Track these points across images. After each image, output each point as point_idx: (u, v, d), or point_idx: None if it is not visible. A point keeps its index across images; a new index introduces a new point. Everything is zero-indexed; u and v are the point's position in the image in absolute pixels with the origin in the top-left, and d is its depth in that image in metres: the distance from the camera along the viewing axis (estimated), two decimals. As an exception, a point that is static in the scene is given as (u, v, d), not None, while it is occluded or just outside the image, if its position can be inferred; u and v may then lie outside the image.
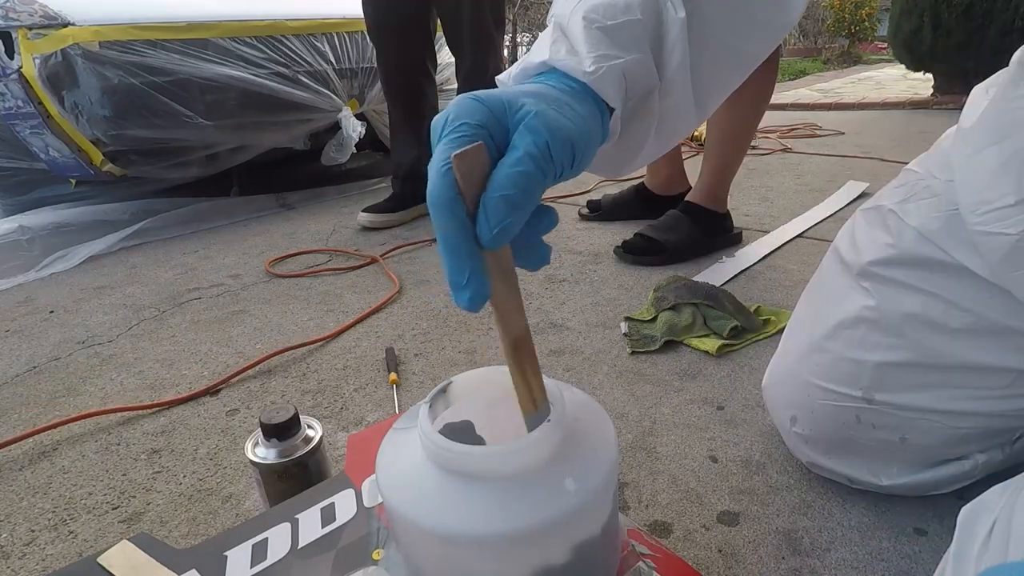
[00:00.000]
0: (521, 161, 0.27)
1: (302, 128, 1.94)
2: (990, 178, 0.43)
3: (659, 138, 0.41)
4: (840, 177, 1.84)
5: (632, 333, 0.92)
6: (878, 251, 0.52)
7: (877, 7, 8.67)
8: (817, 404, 0.56)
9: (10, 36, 1.52)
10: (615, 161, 0.41)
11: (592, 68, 0.32)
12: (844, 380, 0.54)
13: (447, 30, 1.61)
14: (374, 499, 0.44)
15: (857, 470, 0.56)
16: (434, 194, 0.27)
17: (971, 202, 0.44)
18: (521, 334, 0.32)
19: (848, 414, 0.54)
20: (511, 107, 0.29)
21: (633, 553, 0.40)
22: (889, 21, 3.84)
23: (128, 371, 0.93)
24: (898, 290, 0.51)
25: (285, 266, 1.39)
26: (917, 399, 0.50)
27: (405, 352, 0.93)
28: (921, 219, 0.49)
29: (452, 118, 0.29)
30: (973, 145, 0.45)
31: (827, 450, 0.57)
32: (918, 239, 0.49)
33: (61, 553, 0.58)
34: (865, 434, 0.53)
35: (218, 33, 1.69)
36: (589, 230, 1.50)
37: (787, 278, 1.12)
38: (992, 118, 0.44)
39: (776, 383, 0.63)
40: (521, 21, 14.20)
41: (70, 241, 1.61)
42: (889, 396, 0.51)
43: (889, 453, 0.53)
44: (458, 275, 0.28)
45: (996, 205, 0.42)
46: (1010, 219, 0.41)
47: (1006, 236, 0.41)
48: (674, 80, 0.37)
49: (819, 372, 0.56)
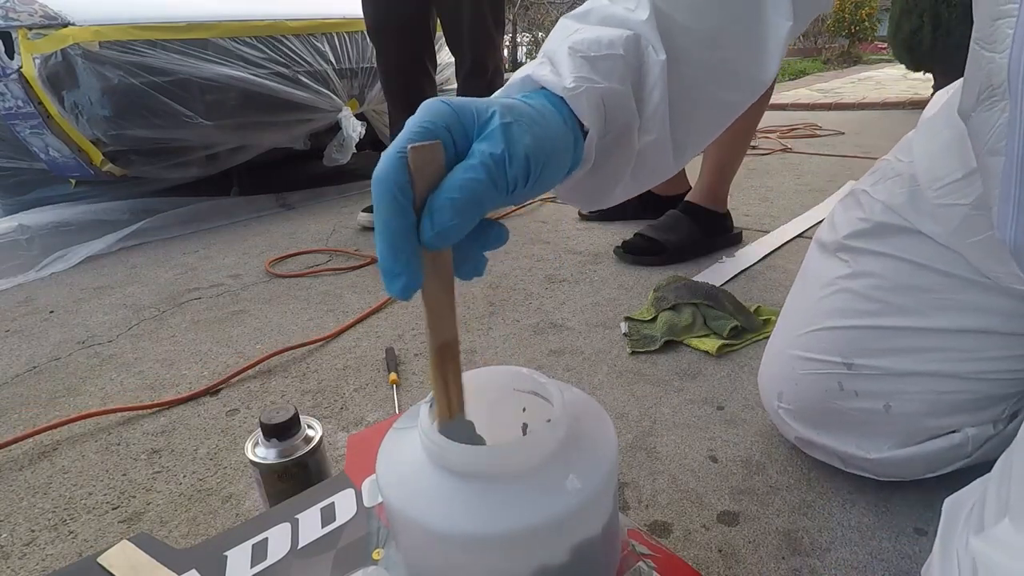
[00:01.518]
0: (473, 168, 0.28)
1: (302, 128, 1.94)
2: (940, 157, 0.50)
3: (636, 177, 0.41)
4: (840, 177, 1.84)
5: (632, 333, 0.92)
6: (852, 225, 0.57)
7: (877, 7, 8.67)
8: (800, 375, 0.58)
9: (10, 36, 1.52)
10: (590, 193, 0.42)
11: (572, 85, 0.33)
12: (825, 348, 0.56)
13: (447, 30, 1.61)
14: (374, 499, 0.44)
15: (845, 443, 0.56)
16: (382, 174, 0.27)
17: (927, 179, 0.51)
18: (449, 340, 0.31)
19: (830, 382, 0.55)
20: (479, 115, 0.29)
21: (633, 553, 0.40)
22: (889, 21, 3.84)
23: (128, 371, 0.93)
24: (870, 257, 0.55)
25: (285, 266, 1.39)
26: (897, 362, 0.52)
27: (405, 352, 0.93)
28: (887, 195, 0.55)
29: (418, 115, 0.29)
30: (929, 132, 0.53)
31: (813, 423, 0.58)
32: (884, 210, 0.54)
33: (61, 553, 0.58)
34: (849, 403, 0.55)
35: (218, 33, 1.69)
36: (589, 230, 1.50)
37: (787, 278, 1.12)
38: (946, 110, 0.51)
39: (765, 367, 0.65)
40: (521, 21, 14.20)
41: (70, 241, 1.61)
42: (869, 360, 0.53)
43: (875, 424, 0.54)
44: (392, 262, 0.27)
45: (947, 180, 0.49)
46: (961, 191, 0.48)
47: (960, 206, 0.48)
48: (652, 118, 0.38)
49: (801, 344, 0.58)
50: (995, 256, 0.47)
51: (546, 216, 1.66)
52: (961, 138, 0.47)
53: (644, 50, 0.37)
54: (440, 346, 0.31)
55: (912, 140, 0.55)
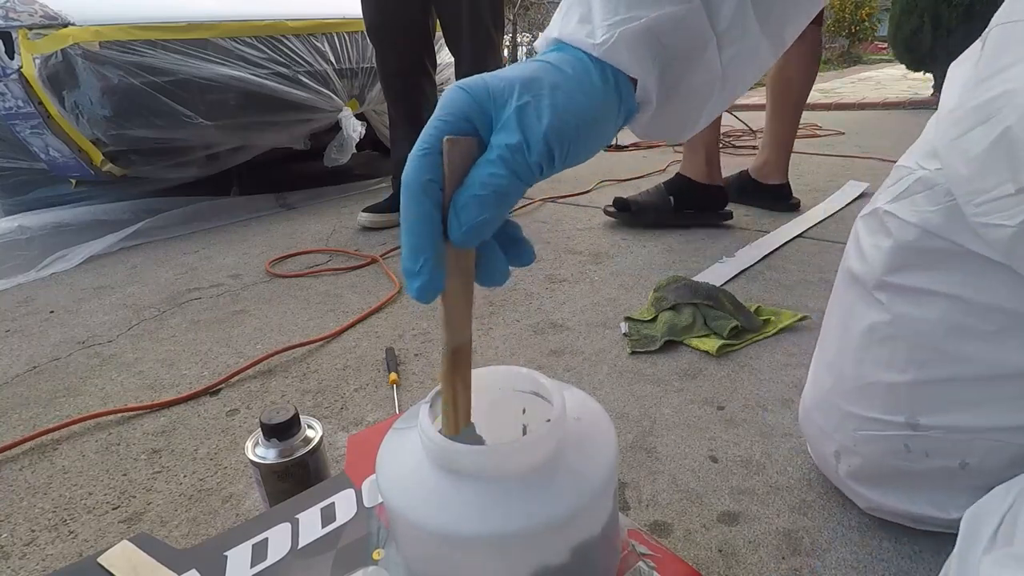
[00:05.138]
0: (493, 163, 0.27)
1: (302, 128, 1.94)
2: (980, 164, 0.39)
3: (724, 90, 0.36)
4: (840, 177, 1.84)
5: (632, 333, 0.92)
6: (885, 259, 0.47)
7: (877, 7, 8.67)
8: (859, 436, 0.50)
9: (10, 36, 1.52)
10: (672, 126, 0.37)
11: (602, 39, 0.30)
12: (883, 407, 0.48)
13: (446, 30, 1.61)
14: (374, 499, 0.44)
15: (918, 505, 0.50)
16: (408, 174, 0.27)
17: (965, 191, 0.40)
18: (463, 344, 0.31)
19: (896, 443, 0.48)
20: (497, 97, 0.28)
21: (633, 553, 0.40)
22: (889, 21, 3.84)
23: (128, 371, 0.93)
24: (916, 298, 0.46)
25: (285, 266, 1.39)
26: (968, 418, 0.44)
27: (405, 352, 0.93)
28: (920, 215, 0.45)
29: (439, 107, 0.28)
30: (957, 128, 0.41)
31: (881, 485, 0.51)
32: (922, 235, 0.44)
33: (61, 553, 0.58)
34: (919, 463, 0.47)
35: (218, 33, 1.69)
36: (589, 230, 1.50)
37: (787, 278, 1.12)
38: (973, 96, 0.40)
39: (811, 416, 0.57)
40: (521, 21, 14.20)
41: (70, 241, 1.61)
42: (936, 419, 0.46)
43: (950, 481, 0.47)
44: (413, 261, 0.27)
45: (994, 195, 0.38)
46: (1010, 210, 0.37)
47: (1006, 227, 0.38)
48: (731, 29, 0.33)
49: (853, 399, 0.51)
50: None
51: (546, 216, 1.66)
52: (1004, 136, 0.37)
53: None
54: (454, 350, 0.31)
55: (935, 141, 0.45)
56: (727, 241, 1.35)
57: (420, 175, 0.27)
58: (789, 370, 0.80)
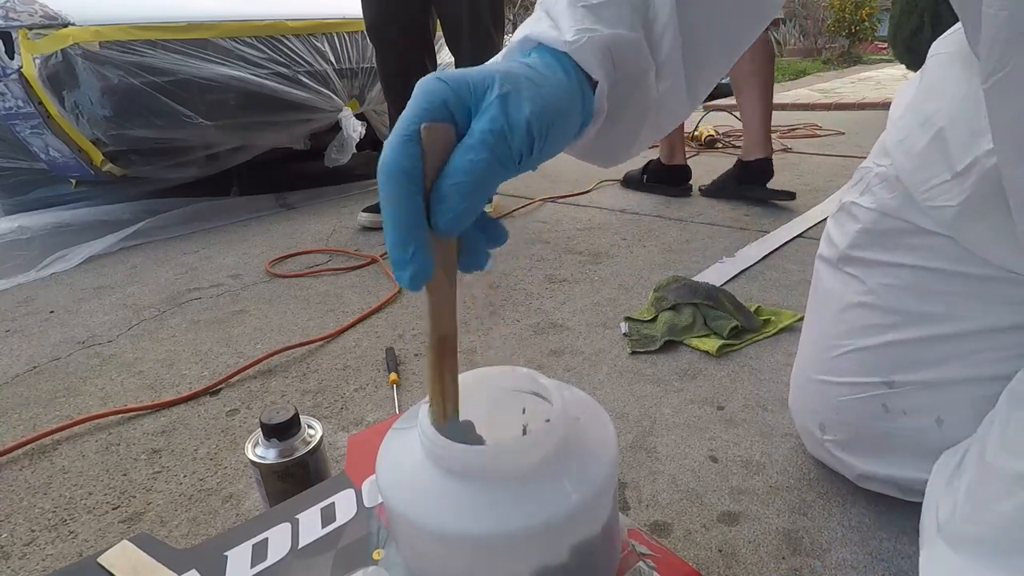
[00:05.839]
0: (474, 149, 0.27)
1: (302, 128, 1.94)
2: (921, 158, 0.48)
3: (654, 125, 0.40)
4: (840, 177, 1.84)
5: (632, 333, 0.92)
6: (849, 237, 0.55)
7: (877, 7, 8.66)
8: (839, 403, 0.54)
9: (10, 36, 1.52)
10: (608, 148, 0.40)
11: (573, 38, 0.32)
12: (860, 370, 0.53)
13: (446, 30, 1.61)
14: (374, 499, 0.44)
15: (905, 469, 0.53)
16: (388, 162, 0.26)
17: (912, 181, 0.49)
18: (449, 333, 0.31)
19: (874, 404, 0.52)
20: (476, 88, 0.28)
21: (633, 553, 0.40)
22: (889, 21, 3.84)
23: (128, 371, 0.93)
24: (878, 268, 0.52)
25: (285, 266, 1.39)
26: (938, 372, 0.49)
27: (405, 352, 0.93)
28: (879, 201, 0.52)
29: (415, 95, 0.28)
30: (902, 132, 0.51)
31: (864, 452, 0.55)
32: (880, 217, 0.52)
33: (61, 553, 0.58)
34: (898, 423, 0.51)
35: (218, 33, 1.69)
36: (589, 230, 1.50)
37: (787, 278, 1.12)
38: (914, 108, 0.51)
39: (797, 399, 0.62)
40: (521, 21, 14.20)
41: (70, 241, 1.61)
42: (909, 375, 0.50)
43: (930, 441, 0.50)
44: (402, 250, 0.27)
45: (934, 182, 0.47)
46: (949, 192, 0.46)
47: (950, 207, 0.46)
48: (667, 63, 0.36)
49: (832, 369, 0.55)
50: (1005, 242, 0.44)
51: (546, 216, 1.66)
52: (939, 138, 0.46)
53: None
54: (439, 339, 0.31)
55: (886, 144, 0.53)
56: (727, 241, 1.35)
57: (401, 161, 0.27)
58: (789, 370, 0.80)
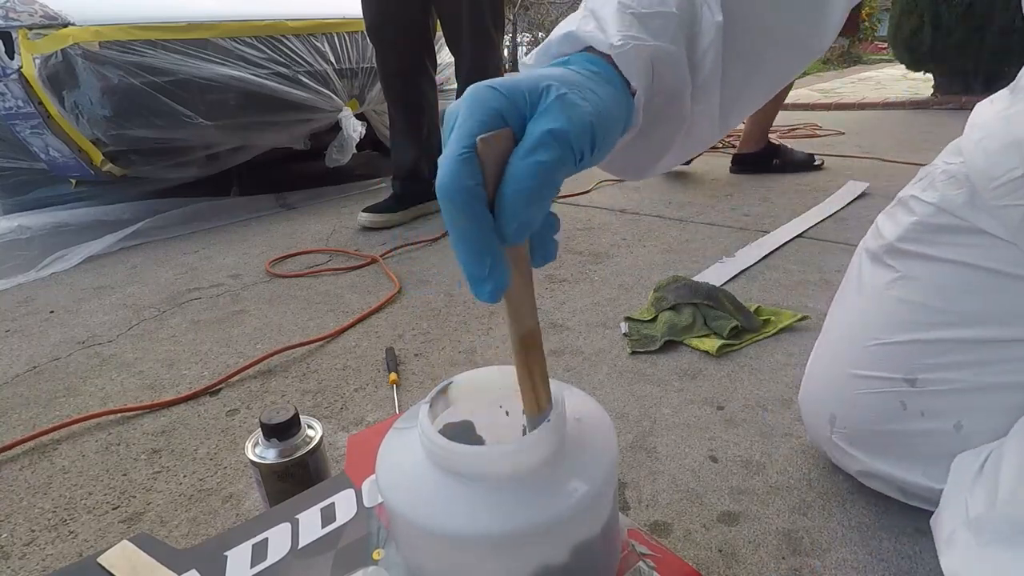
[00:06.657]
0: (538, 151, 0.26)
1: (302, 128, 1.94)
2: (997, 157, 0.46)
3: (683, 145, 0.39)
4: (840, 177, 1.84)
5: (632, 333, 0.92)
6: (901, 228, 0.52)
7: (877, 7, 8.66)
8: (856, 396, 0.53)
9: (10, 36, 1.52)
10: (636, 160, 0.39)
11: (619, 42, 0.31)
12: (884, 365, 0.51)
13: (447, 30, 1.61)
14: (374, 499, 0.44)
15: (911, 472, 0.51)
16: (448, 182, 0.25)
17: (983, 179, 0.47)
18: (531, 331, 0.31)
19: (892, 401, 0.50)
20: (530, 93, 0.28)
21: (633, 553, 0.40)
22: (889, 21, 3.84)
23: (128, 371, 0.93)
24: (922, 262, 0.50)
25: (285, 266, 1.39)
26: (966, 375, 0.47)
27: (405, 352, 0.93)
28: (940, 197, 0.50)
29: (467, 105, 0.27)
30: (981, 133, 0.49)
31: (872, 449, 0.53)
32: (937, 212, 0.50)
33: (61, 553, 0.58)
34: (913, 424, 0.49)
35: (218, 33, 1.69)
36: (589, 230, 1.50)
37: (787, 278, 1.12)
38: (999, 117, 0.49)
39: (811, 389, 0.60)
40: (521, 21, 14.20)
41: (70, 241, 1.61)
42: (933, 375, 0.48)
43: (944, 446, 0.49)
44: (478, 267, 0.26)
45: (1004, 179, 0.45)
46: (1020, 190, 0.44)
47: (1019, 207, 0.44)
48: (705, 86, 0.36)
49: (855, 362, 0.53)
50: None
51: (546, 216, 1.66)
52: (1017, 139, 0.45)
53: (699, 9, 0.35)
54: (523, 338, 0.31)
55: (961, 144, 0.51)
56: (727, 241, 1.35)
57: (462, 180, 0.26)
58: (789, 370, 0.80)
